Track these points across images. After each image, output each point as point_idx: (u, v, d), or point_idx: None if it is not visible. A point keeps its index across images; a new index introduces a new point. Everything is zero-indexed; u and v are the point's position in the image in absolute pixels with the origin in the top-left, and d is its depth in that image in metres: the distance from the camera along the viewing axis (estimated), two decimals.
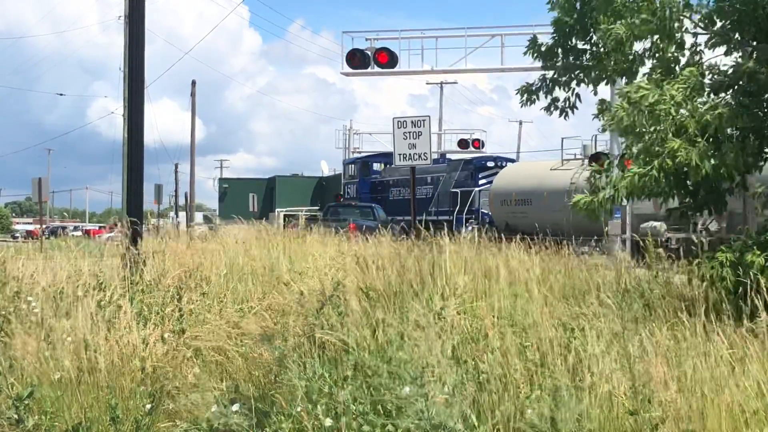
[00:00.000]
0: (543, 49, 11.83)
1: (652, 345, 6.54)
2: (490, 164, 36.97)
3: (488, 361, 6.57)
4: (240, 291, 10.61)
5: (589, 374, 6.26)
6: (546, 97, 12.02)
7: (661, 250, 9.65)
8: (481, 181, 35.81)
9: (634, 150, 9.64)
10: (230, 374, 8.14)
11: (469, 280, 8.86)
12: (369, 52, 29.85)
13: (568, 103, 11.97)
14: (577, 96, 11.90)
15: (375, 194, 42.67)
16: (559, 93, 11.94)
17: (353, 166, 46.68)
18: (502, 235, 13.11)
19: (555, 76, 11.78)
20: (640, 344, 6.65)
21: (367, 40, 30.29)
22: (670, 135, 9.03)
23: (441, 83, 59.99)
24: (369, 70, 30.24)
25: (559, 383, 6.06)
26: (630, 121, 9.32)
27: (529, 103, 12.04)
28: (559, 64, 11.71)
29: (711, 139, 9.02)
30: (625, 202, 9.60)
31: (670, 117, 9.06)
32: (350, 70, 30.24)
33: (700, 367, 6.06)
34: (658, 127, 9.16)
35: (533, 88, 12.03)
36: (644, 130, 9.38)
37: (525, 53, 12.19)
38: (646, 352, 6.37)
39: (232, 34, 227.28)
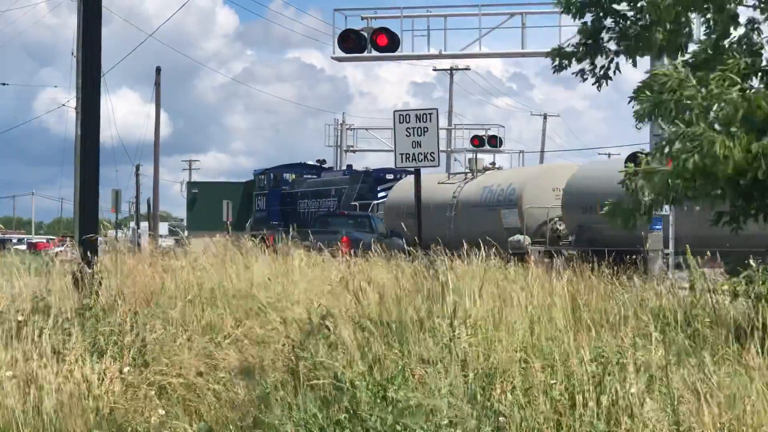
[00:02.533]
0: (575, 2, 11.65)
1: (700, 382, 6.54)
2: (389, 177, 42.27)
3: (507, 401, 6.57)
4: (211, 318, 10.61)
5: (626, 417, 6.27)
6: (584, 57, 11.86)
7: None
8: (380, 194, 41.29)
9: (671, 131, 9.59)
10: (201, 415, 8.13)
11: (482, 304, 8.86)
12: (365, 34, 29.80)
13: (603, 71, 11.83)
14: (617, 66, 11.80)
15: (284, 206, 48.22)
16: (597, 60, 11.77)
17: (264, 177, 51.88)
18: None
19: (591, 40, 11.64)
20: (684, 381, 6.65)
21: (363, 19, 30.26)
22: (702, 125, 9.05)
23: (451, 69, 59.92)
24: (365, 54, 30.22)
25: (592, 429, 6.06)
26: (657, 108, 9.36)
27: (561, 69, 11.94)
28: (591, 20, 11.55)
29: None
30: (666, 210, 9.60)
31: (699, 105, 9.08)
32: (343, 55, 30.19)
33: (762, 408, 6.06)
34: (686, 117, 9.20)
35: (566, 52, 11.88)
36: (671, 121, 9.42)
37: (556, 4, 12.03)
38: (694, 391, 6.37)
39: (204, 12, 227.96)
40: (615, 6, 11.35)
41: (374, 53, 30.11)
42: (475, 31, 30.53)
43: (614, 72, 11.76)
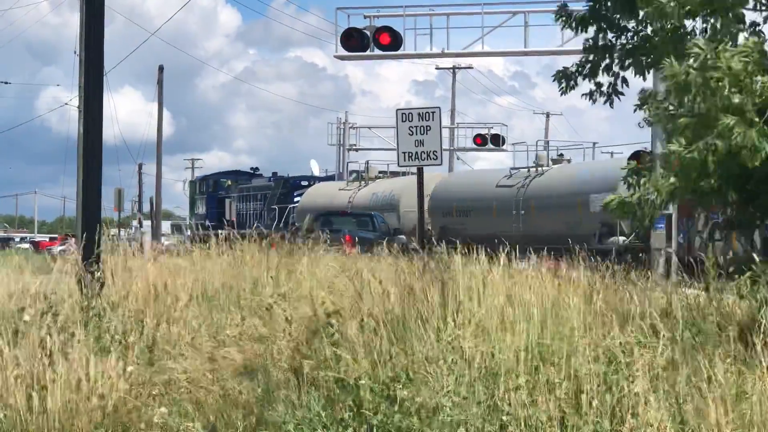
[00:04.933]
0: (576, 17, 11.70)
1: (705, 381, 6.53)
2: (304, 183, 48.87)
3: (511, 400, 6.57)
4: (215, 316, 10.60)
5: (630, 416, 6.26)
6: (586, 80, 11.92)
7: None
8: (296, 199, 46.41)
9: (681, 123, 9.54)
10: (205, 414, 8.13)
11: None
12: (368, 32, 29.80)
13: (612, 88, 11.88)
14: (623, 80, 11.84)
15: (221, 209, 53.23)
16: (602, 78, 11.92)
17: (203, 183, 58.64)
18: None
19: (595, 58, 11.70)
20: (689, 380, 6.64)
21: (365, 17, 30.24)
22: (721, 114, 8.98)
23: (453, 68, 59.89)
24: (368, 53, 30.21)
25: (596, 428, 6.05)
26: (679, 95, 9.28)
27: (568, 90, 11.99)
28: (592, 37, 11.60)
29: None
30: (671, 209, 9.59)
31: (724, 89, 8.98)
32: (346, 53, 30.18)
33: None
34: (708, 102, 9.12)
35: (571, 72, 11.95)
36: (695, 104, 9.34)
37: (556, 19, 12.09)
38: (699, 390, 6.36)
39: (206, 11, 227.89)
40: (617, 17, 11.35)
41: (377, 52, 30.09)
42: (478, 30, 30.51)
43: (622, 86, 11.83)
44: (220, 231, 15.02)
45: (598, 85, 11.97)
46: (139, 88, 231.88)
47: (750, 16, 10.63)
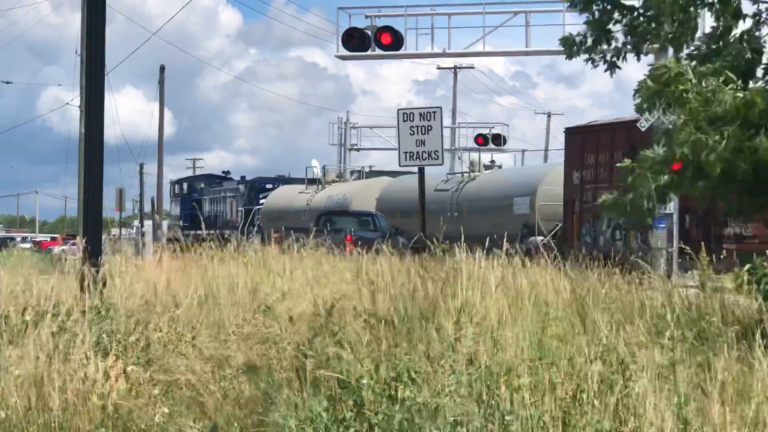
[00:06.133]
0: None
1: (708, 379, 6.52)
2: (269, 186, 52.10)
3: (514, 400, 6.55)
4: (216, 316, 10.59)
5: (633, 415, 6.25)
6: (593, 47, 11.94)
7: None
8: (261, 201, 50.04)
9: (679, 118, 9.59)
10: (206, 413, 8.12)
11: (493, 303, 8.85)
12: (369, 32, 29.79)
13: (612, 60, 11.88)
14: (624, 55, 11.80)
15: (193, 210, 56.64)
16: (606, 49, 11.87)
17: (178, 185, 63.38)
18: None
19: (601, 26, 11.69)
20: (691, 380, 6.63)
21: (366, 17, 30.24)
22: (690, 126, 9.05)
23: (455, 68, 59.80)
24: (369, 52, 30.20)
25: (599, 427, 6.04)
26: (650, 101, 9.39)
27: (572, 56, 12.02)
28: (599, 15, 11.62)
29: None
30: (671, 209, 9.63)
31: (692, 102, 9.06)
32: (347, 53, 30.18)
33: None
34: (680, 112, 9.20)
35: (577, 38, 11.96)
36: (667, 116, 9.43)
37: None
38: (702, 389, 6.35)
39: (208, 11, 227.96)
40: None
41: (378, 52, 30.10)
42: (479, 30, 30.51)
43: (622, 60, 11.79)
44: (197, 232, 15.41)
45: (601, 53, 11.92)
46: (141, 88, 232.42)
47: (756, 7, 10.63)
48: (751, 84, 9.80)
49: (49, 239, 78.11)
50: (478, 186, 36.82)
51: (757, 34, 10.50)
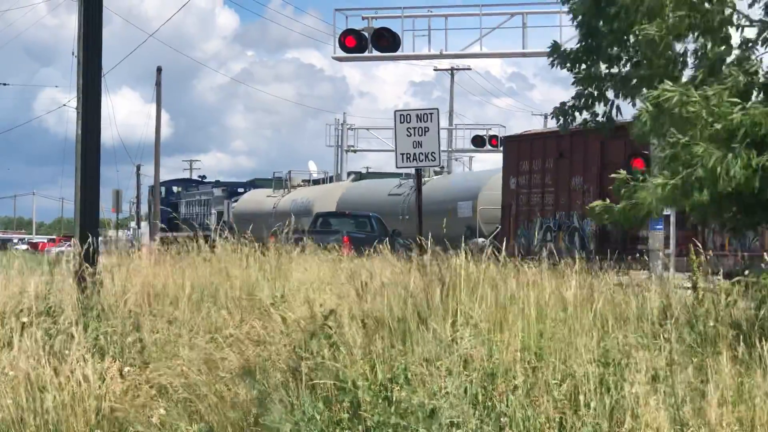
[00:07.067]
0: (569, 55, 12.00)
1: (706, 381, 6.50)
2: (240, 190, 56.15)
3: (510, 401, 6.54)
4: (213, 317, 10.57)
5: (629, 417, 6.24)
6: (582, 114, 12.29)
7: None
8: (233, 204, 53.49)
9: (664, 154, 9.74)
10: (202, 415, 8.11)
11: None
12: (366, 33, 29.77)
13: (607, 116, 12.21)
14: (617, 108, 12.17)
15: (170, 213, 57.94)
16: (598, 108, 12.25)
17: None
18: None
19: (590, 89, 11.97)
20: (688, 383, 6.62)
21: (363, 19, 30.20)
22: (702, 145, 9.11)
23: (451, 69, 59.83)
24: (366, 54, 30.17)
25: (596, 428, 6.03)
26: (655, 126, 9.50)
27: (567, 126, 12.50)
28: (584, 71, 11.88)
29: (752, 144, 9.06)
30: (670, 213, 9.65)
31: (702, 120, 9.16)
32: (344, 55, 30.13)
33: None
34: (689, 132, 9.28)
35: (568, 107, 12.27)
36: (672, 138, 9.48)
37: (548, 56, 12.41)
38: (699, 391, 6.34)
39: (204, 12, 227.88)
40: (609, 50, 11.57)
41: (375, 53, 30.05)
42: (476, 31, 30.51)
43: (616, 114, 12.21)
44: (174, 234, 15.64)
45: (594, 114, 12.34)
46: (137, 90, 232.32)
47: (746, 33, 10.67)
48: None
49: (46, 240, 78.03)
50: (427, 191, 38.25)
51: (751, 58, 10.52)
